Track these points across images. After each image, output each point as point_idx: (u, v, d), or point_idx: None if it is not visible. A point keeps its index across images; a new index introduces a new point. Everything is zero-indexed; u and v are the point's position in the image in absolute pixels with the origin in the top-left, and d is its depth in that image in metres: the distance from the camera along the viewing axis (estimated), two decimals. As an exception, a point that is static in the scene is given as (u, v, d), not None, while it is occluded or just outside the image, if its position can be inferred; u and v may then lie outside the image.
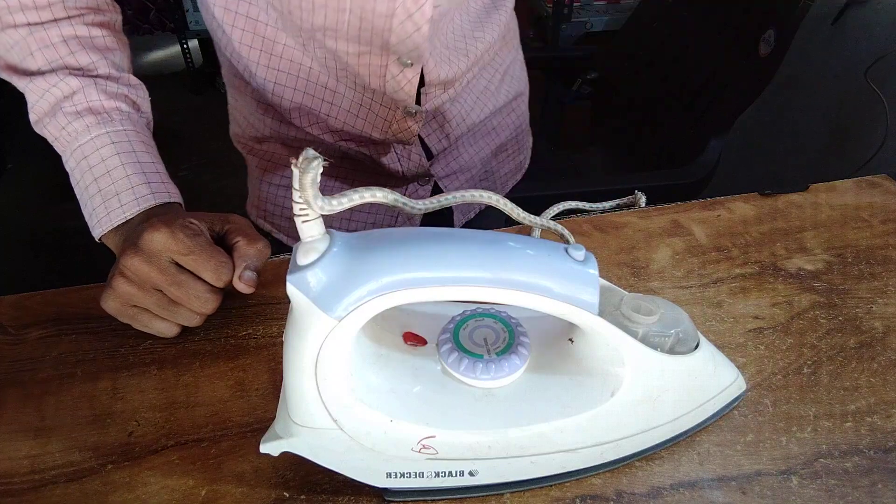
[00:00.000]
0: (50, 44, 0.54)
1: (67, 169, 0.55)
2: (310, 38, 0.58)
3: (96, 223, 0.53)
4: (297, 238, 0.83)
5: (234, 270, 0.49)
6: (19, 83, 0.56)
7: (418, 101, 0.65)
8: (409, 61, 0.58)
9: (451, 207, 0.79)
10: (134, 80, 0.59)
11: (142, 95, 0.59)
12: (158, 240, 0.47)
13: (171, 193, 0.54)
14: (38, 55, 0.54)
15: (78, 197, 0.54)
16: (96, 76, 0.56)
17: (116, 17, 0.60)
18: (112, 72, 0.57)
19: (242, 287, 0.49)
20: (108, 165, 0.53)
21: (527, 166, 0.90)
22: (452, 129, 0.73)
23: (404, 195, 0.74)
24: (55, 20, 0.55)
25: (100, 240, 0.53)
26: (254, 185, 0.78)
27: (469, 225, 0.84)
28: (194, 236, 0.48)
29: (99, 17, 0.57)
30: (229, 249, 0.50)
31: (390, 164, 0.71)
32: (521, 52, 0.81)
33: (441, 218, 0.81)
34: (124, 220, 0.52)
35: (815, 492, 0.40)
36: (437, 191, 0.76)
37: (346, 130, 0.67)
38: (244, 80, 0.66)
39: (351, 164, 0.72)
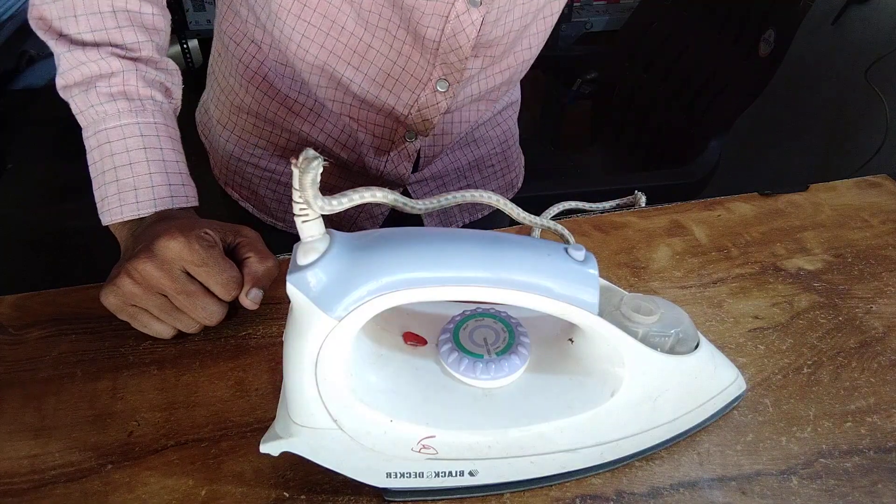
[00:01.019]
0: (98, 11, 0.53)
1: (86, 144, 0.54)
2: None
3: (106, 210, 0.52)
4: (263, 209, 0.81)
5: (242, 286, 0.49)
6: (53, 43, 0.54)
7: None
8: (480, 0, 0.56)
9: (420, 216, 0.77)
10: (171, 64, 0.58)
11: (176, 82, 0.58)
12: (174, 248, 0.47)
13: (189, 198, 0.54)
14: (83, 21, 0.52)
15: (91, 176, 0.53)
16: (138, 59, 0.55)
17: None
18: (154, 55, 0.56)
19: (248, 304, 0.49)
20: (132, 157, 0.52)
21: (520, 185, 0.87)
22: (447, 142, 0.72)
23: None
24: None
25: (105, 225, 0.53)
26: (219, 151, 0.75)
27: None
28: (209, 248, 0.48)
29: None
30: (239, 263, 0.51)
31: (373, 163, 0.69)
32: None
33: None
34: (135, 218, 0.52)
35: (815, 492, 0.40)
36: (405, 195, 0.74)
37: (368, 101, 0.64)
38: (246, 39, 0.63)
39: (324, 155, 0.70)
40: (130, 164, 0.52)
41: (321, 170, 0.31)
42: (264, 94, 0.67)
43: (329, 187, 0.71)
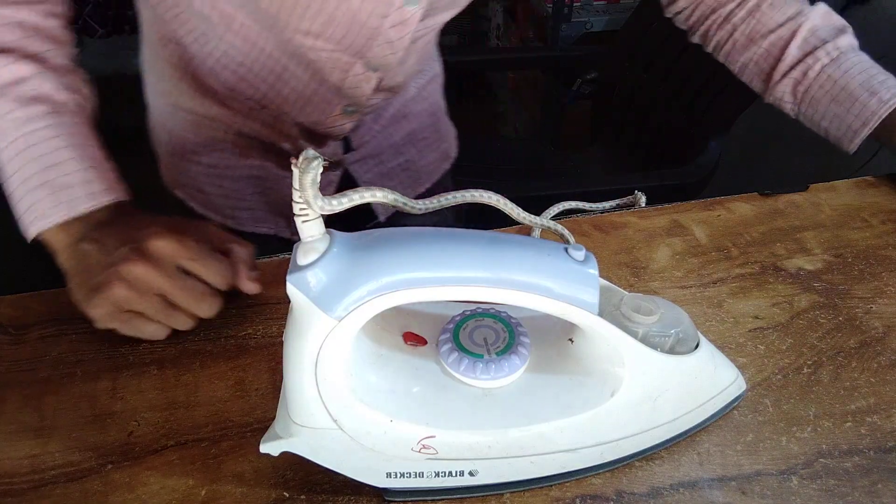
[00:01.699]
0: (3, 23, 0.51)
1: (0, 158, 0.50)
2: (282, 31, 0.56)
3: (36, 217, 0.49)
4: (211, 207, 0.82)
5: (235, 273, 0.51)
6: None
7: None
8: (376, 68, 0.60)
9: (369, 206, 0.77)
10: (83, 73, 0.56)
11: (89, 92, 0.56)
12: (167, 246, 0.47)
13: (125, 191, 0.53)
14: None
15: (9, 191, 0.50)
16: (49, 66, 0.53)
17: (69, 13, 0.56)
18: (65, 63, 0.54)
19: (252, 287, 0.51)
20: (60, 157, 0.50)
21: (454, 155, 0.88)
22: (374, 125, 0.74)
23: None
24: (10, 2, 0.52)
25: (33, 239, 0.50)
26: (164, 153, 0.74)
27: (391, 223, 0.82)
28: (198, 241, 0.49)
29: (55, 9, 0.55)
30: (222, 254, 0.51)
31: (306, 146, 0.70)
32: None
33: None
34: (75, 216, 0.49)
35: (815, 492, 0.40)
36: (346, 176, 0.74)
37: (280, 116, 0.66)
38: (171, 42, 0.63)
39: (262, 147, 0.70)
40: (58, 163, 0.49)
41: (321, 170, 0.31)
42: (195, 91, 0.66)
43: (274, 177, 0.71)
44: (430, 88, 0.81)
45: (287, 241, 0.76)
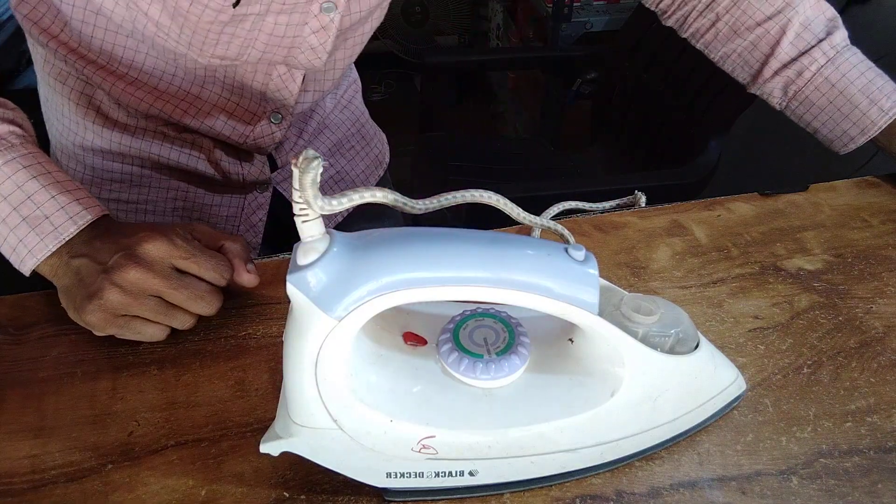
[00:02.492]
0: None
1: None
2: (194, 60, 0.55)
3: (27, 254, 0.48)
4: None
5: (231, 269, 0.50)
6: None
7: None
8: (300, 67, 0.59)
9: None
10: (10, 103, 0.53)
11: (24, 117, 0.54)
12: (159, 248, 0.47)
13: (100, 207, 0.52)
14: None
15: None
16: None
17: None
18: None
19: (251, 280, 0.51)
20: (28, 190, 0.48)
21: (387, 161, 0.86)
22: (298, 140, 0.72)
23: (244, 205, 0.70)
24: None
25: (30, 273, 0.49)
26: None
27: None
28: (190, 241, 0.49)
29: None
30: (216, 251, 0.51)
31: (234, 168, 0.68)
32: None
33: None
34: (63, 242, 0.48)
35: (815, 492, 0.40)
36: (277, 196, 0.72)
37: (202, 132, 0.64)
38: (71, 77, 0.61)
39: (183, 176, 0.67)
40: (29, 197, 0.48)
41: (321, 170, 0.31)
42: (102, 127, 0.64)
43: (200, 207, 0.69)
44: (348, 96, 0.80)
45: None
